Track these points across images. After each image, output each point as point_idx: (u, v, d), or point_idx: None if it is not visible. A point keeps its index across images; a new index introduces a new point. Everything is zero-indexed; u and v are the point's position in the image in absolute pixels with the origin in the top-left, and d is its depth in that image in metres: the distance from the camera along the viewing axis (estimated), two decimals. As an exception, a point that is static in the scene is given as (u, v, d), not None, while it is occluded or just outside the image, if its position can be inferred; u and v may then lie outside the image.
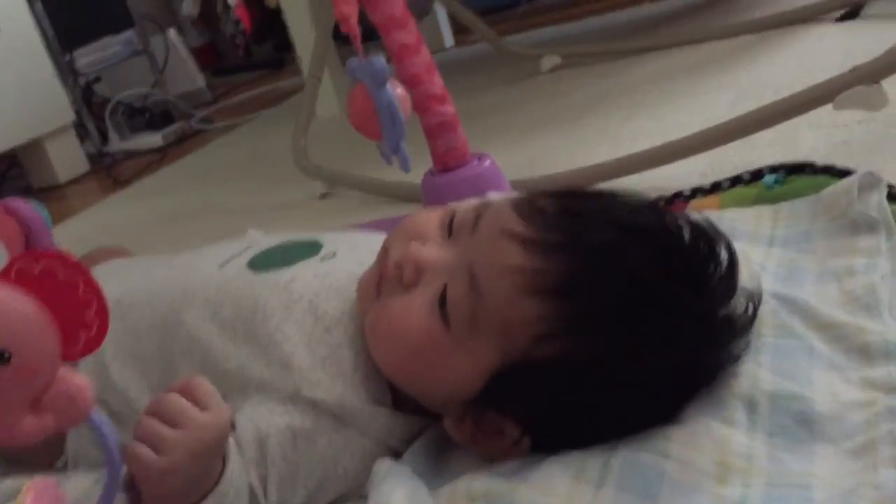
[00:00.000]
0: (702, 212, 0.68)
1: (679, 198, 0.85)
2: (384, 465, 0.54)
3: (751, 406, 0.52)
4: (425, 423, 0.59)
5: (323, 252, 0.67)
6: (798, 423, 0.50)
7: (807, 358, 0.55)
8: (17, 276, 0.36)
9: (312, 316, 0.60)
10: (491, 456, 0.55)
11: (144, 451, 0.49)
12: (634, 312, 0.50)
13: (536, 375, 0.51)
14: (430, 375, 0.55)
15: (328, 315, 0.60)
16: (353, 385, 0.57)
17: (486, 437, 0.55)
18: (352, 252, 0.67)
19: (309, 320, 0.59)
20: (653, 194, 0.92)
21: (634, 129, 1.21)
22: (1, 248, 0.96)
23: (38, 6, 2.05)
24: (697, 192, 0.85)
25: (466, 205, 0.59)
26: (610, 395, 0.52)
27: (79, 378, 0.37)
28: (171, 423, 0.50)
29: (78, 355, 0.37)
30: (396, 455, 0.57)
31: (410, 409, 0.59)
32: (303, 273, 0.63)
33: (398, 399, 0.59)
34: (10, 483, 0.63)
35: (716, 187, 0.84)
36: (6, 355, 0.34)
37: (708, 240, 0.54)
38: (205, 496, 0.51)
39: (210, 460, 0.51)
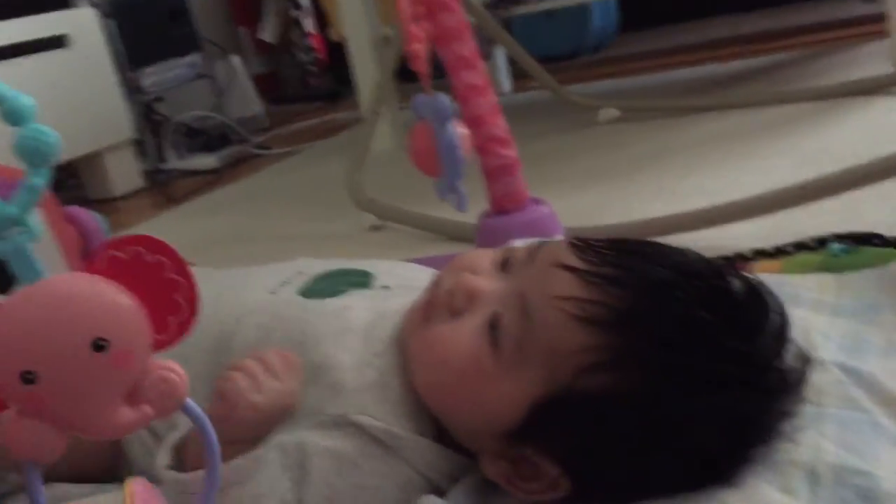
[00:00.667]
0: (763, 275, 0.67)
1: (739, 259, 0.84)
2: (428, 502, 0.53)
3: (812, 477, 0.51)
4: (468, 463, 0.58)
5: (374, 284, 0.67)
6: (862, 500, 0.48)
7: (872, 433, 0.54)
8: (105, 264, 0.36)
9: (363, 343, 0.59)
10: (528, 499, 0.54)
11: (245, 382, 0.52)
12: (685, 350, 0.50)
13: (579, 409, 0.51)
14: (471, 401, 0.54)
15: (380, 340, 0.60)
16: (399, 413, 0.56)
17: (522, 480, 0.54)
18: (402, 286, 0.67)
19: (359, 347, 0.59)
20: (711, 254, 0.91)
21: (692, 186, 1.20)
22: (57, 252, 0.97)
23: (111, 24, 2.11)
24: (759, 254, 0.84)
25: (520, 244, 0.59)
26: (654, 436, 0.50)
27: (174, 364, 0.36)
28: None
29: (170, 341, 0.37)
30: (438, 492, 0.56)
31: (452, 446, 0.58)
32: (355, 303, 0.63)
33: (441, 434, 0.58)
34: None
35: (779, 251, 0.83)
36: (102, 343, 0.34)
37: (762, 295, 0.53)
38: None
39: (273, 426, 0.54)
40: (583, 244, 0.55)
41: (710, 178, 1.23)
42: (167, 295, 0.36)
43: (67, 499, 0.63)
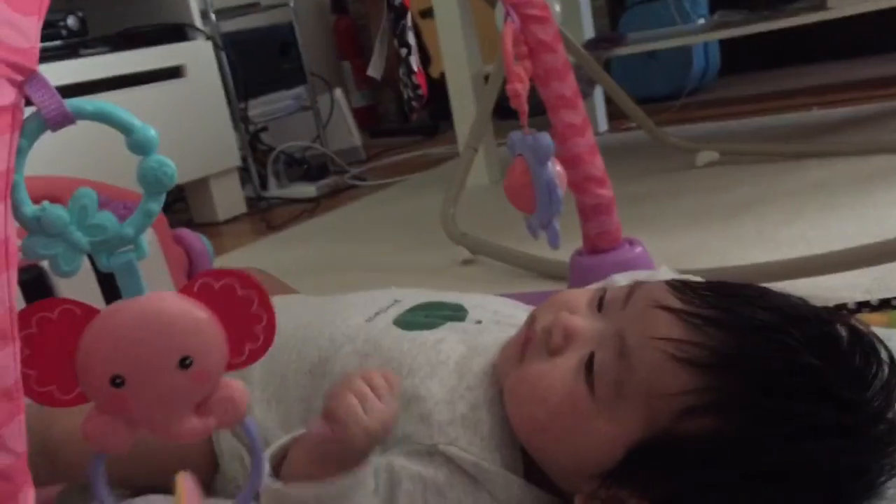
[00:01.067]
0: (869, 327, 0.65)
1: (842, 310, 0.81)
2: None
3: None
4: (554, 502, 0.58)
5: (469, 318, 0.68)
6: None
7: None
8: (200, 289, 0.39)
9: (457, 375, 0.60)
10: None
11: (356, 402, 0.53)
12: (789, 395, 0.49)
13: (679, 452, 0.50)
14: (567, 441, 0.54)
15: (472, 373, 0.60)
16: (490, 448, 0.57)
17: None
18: (495, 321, 0.67)
19: (453, 379, 0.60)
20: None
21: (794, 234, 1.17)
22: (165, 269, 1.02)
23: (224, 56, 2.21)
24: (863, 306, 0.81)
25: (620, 278, 0.59)
26: (755, 482, 0.49)
27: (238, 384, 0.39)
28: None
29: (242, 365, 0.39)
30: None
31: (539, 483, 0.58)
32: (450, 336, 0.64)
33: (529, 470, 0.58)
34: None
35: (885, 304, 0.80)
36: (188, 361, 0.37)
37: (871, 343, 0.52)
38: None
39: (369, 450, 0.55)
40: (681, 285, 0.54)
41: (812, 226, 1.19)
42: (249, 325, 0.39)
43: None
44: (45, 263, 0.94)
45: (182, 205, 2.26)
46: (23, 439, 0.38)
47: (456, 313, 0.69)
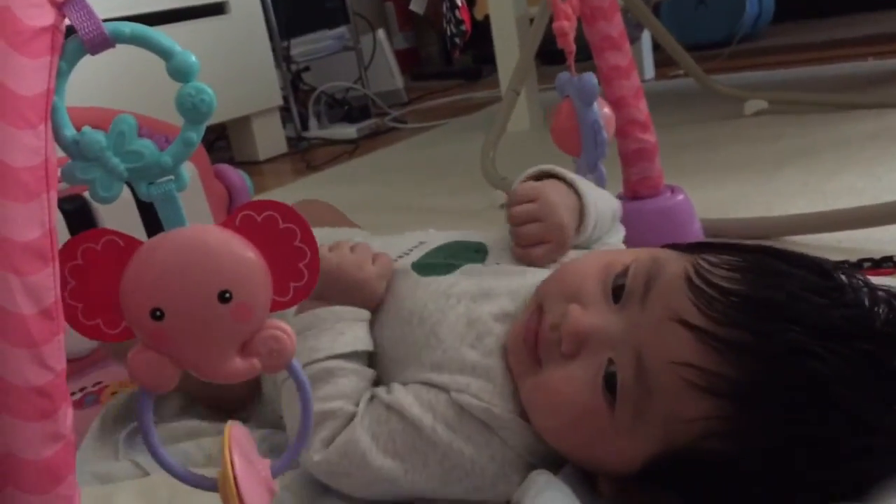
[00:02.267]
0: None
1: (888, 263, 0.80)
2: (542, 477, 0.53)
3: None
4: None
5: (489, 259, 0.68)
6: None
7: None
8: (241, 223, 0.38)
9: (466, 320, 0.60)
10: None
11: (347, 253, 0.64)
12: (815, 427, 0.47)
13: (698, 469, 0.49)
14: (588, 450, 0.54)
15: (482, 321, 0.60)
16: (503, 396, 0.57)
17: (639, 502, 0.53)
18: (515, 266, 0.67)
19: (462, 325, 0.60)
20: (858, 256, 0.87)
21: (840, 186, 1.15)
22: (205, 203, 1.03)
23: (268, -6, 2.20)
24: (910, 258, 0.79)
25: (632, 257, 0.56)
26: (775, 496, 0.48)
27: (286, 326, 0.38)
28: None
29: (287, 304, 0.38)
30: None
31: None
32: (463, 281, 0.64)
33: None
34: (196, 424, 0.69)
35: (933, 257, 0.78)
36: (228, 295, 0.36)
37: None
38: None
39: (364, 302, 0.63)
40: (704, 283, 0.50)
41: (860, 177, 1.16)
42: (293, 262, 0.38)
43: (192, 433, 0.68)
44: (87, 194, 0.95)
45: (223, 143, 2.27)
46: (62, 357, 0.39)
47: (476, 254, 0.69)
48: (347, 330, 0.61)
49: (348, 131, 2.27)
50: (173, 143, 0.38)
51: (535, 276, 0.63)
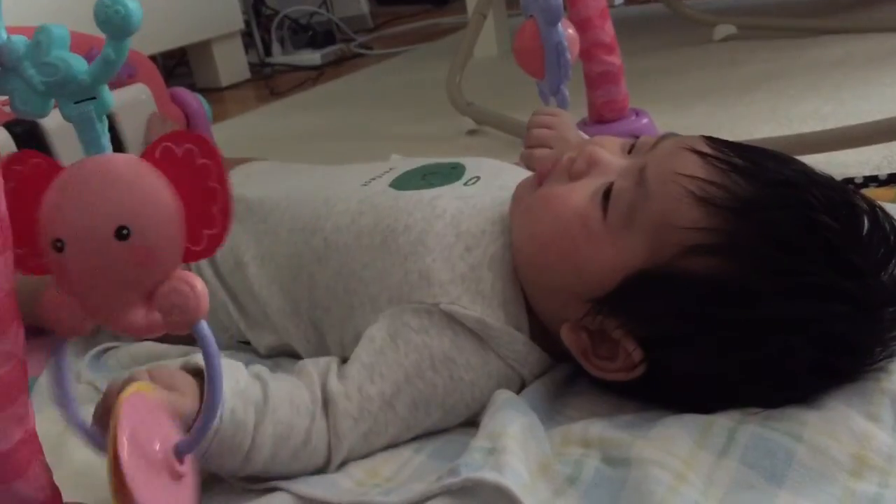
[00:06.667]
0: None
1: (849, 185, 0.80)
2: (503, 395, 0.54)
3: (899, 405, 0.49)
4: (554, 365, 0.59)
5: (466, 177, 0.66)
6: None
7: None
8: (162, 154, 0.35)
9: (454, 231, 0.59)
10: (601, 376, 0.54)
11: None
12: (800, 250, 0.48)
13: (676, 287, 0.49)
14: (570, 261, 0.53)
15: (470, 233, 0.59)
16: (493, 306, 0.56)
17: (599, 357, 0.53)
18: (495, 178, 0.66)
19: (450, 236, 0.59)
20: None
21: (807, 110, 1.14)
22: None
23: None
24: (871, 181, 0.79)
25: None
26: (744, 333, 0.49)
27: (198, 282, 0.35)
28: None
29: (198, 256, 0.36)
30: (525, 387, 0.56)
31: (542, 347, 0.57)
32: (446, 193, 0.63)
33: (533, 334, 0.57)
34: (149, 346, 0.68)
35: (893, 178, 0.78)
36: (125, 232, 0.34)
37: (887, 217, 0.51)
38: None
39: None
40: (715, 139, 0.54)
41: (827, 102, 1.16)
42: (206, 203, 0.35)
43: (153, 356, 0.67)
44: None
45: (185, 69, 2.21)
46: (10, 277, 0.38)
47: (453, 171, 0.67)
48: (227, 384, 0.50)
49: (312, 57, 2.22)
50: (94, 62, 0.35)
51: (515, 182, 0.62)
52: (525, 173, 0.64)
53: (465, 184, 0.65)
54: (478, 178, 0.66)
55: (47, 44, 0.34)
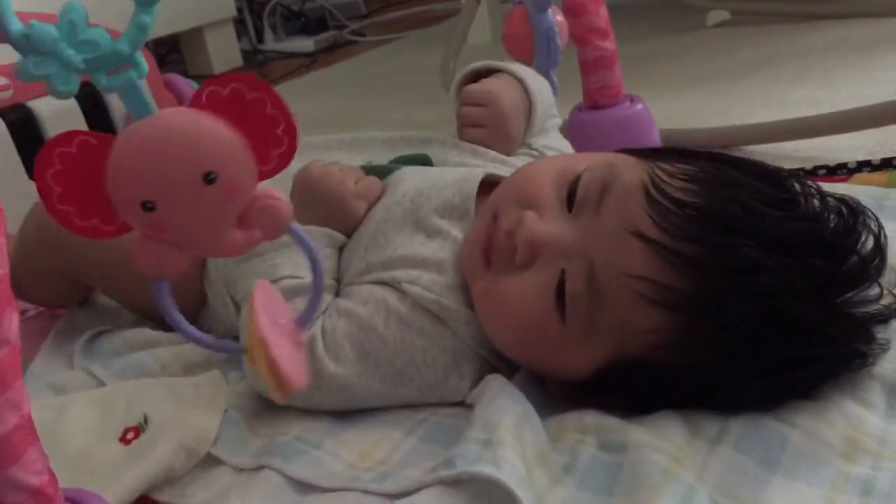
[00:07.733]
0: (867, 186, 0.64)
1: (842, 170, 0.80)
2: (497, 383, 0.54)
3: (891, 390, 0.49)
4: None
5: (433, 162, 0.69)
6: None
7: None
8: (209, 100, 0.37)
9: (413, 218, 0.60)
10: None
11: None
12: (768, 339, 0.47)
13: (647, 374, 0.50)
14: (538, 359, 0.54)
15: (429, 222, 0.60)
16: (453, 288, 0.57)
17: (587, 404, 0.54)
18: (460, 158, 0.68)
19: (410, 222, 0.60)
20: (813, 164, 0.87)
21: (800, 96, 1.14)
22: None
23: None
24: (864, 166, 0.79)
25: (588, 163, 0.54)
26: (726, 393, 0.50)
27: (277, 193, 0.38)
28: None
29: (272, 172, 0.38)
30: (493, 369, 0.57)
31: None
32: (409, 177, 0.64)
33: None
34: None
35: (886, 164, 0.78)
36: (212, 176, 0.36)
37: (868, 270, 0.49)
38: None
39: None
40: (659, 193, 0.49)
41: (820, 87, 1.16)
42: (268, 130, 0.38)
43: (148, 341, 0.68)
44: (31, 103, 0.92)
45: (177, 56, 2.20)
46: (3, 261, 0.38)
47: (420, 159, 0.69)
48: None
49: (305, 44, 2.21)
50: (127, 29, 0.36)
51: (482, 166, 0.63)
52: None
53: (429, 168, 0.67)
54: (444, 161, 0.68)
55: (80, 22, 0.35)
